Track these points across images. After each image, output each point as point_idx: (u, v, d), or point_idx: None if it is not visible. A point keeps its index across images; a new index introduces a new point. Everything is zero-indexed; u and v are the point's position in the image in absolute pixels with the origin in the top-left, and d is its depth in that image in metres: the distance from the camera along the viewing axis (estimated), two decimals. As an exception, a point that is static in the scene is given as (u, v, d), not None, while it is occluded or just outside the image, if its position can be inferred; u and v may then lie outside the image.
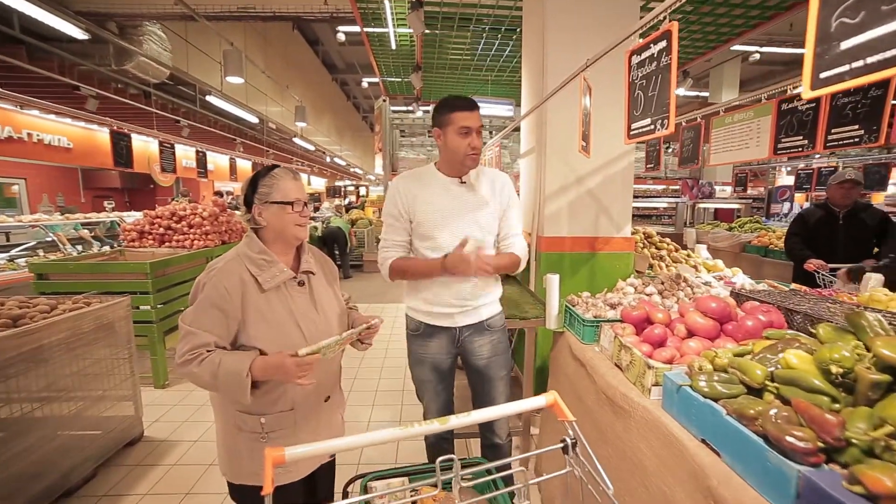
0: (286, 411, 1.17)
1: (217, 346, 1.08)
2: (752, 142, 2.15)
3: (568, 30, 2.45)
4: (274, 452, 0.64)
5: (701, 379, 0.99)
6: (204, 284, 1.09)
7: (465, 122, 1.38)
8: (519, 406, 0.80)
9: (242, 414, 1.14)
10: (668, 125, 1.13)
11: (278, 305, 1.15)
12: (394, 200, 1.49)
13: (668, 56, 1.09)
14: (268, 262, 1.14)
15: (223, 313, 1.08)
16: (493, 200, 1.51)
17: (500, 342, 1.59)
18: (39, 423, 1.85)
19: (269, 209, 1.15)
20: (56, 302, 2.12)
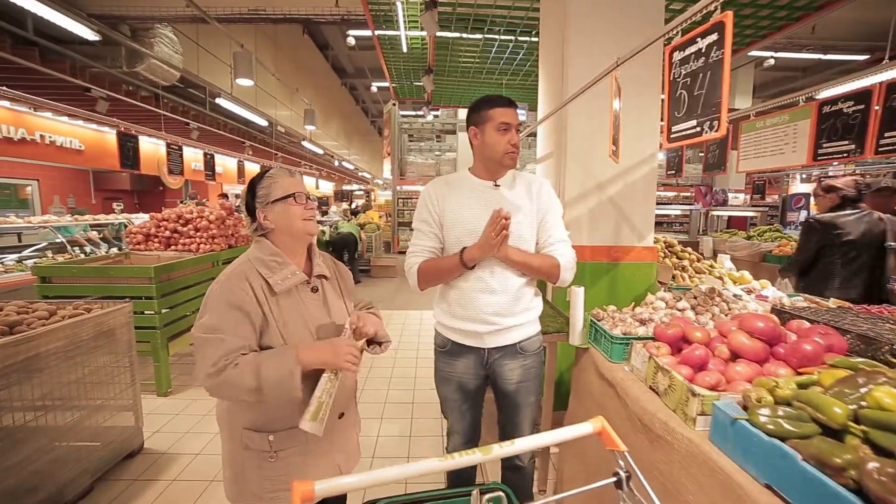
0: (296, 428, 1.07)
1: (249, 349, 1.01)
2: (787, 147, 2.03)
3: (589, 32, 2.36)
4: (302, 486, 0.59)
5: (762, 413, 0.87)
6: (217, 290, 1.04)
7: (505, 117, 1.31)
8: (564, 434, 0.76)
9: (250, 431, 1.07)
10: (720, 127, 1.02)
11: (292, 312, 1.09)
12: (424, 205, 1.42)
13: (721, 50, 0.98)
14: (279, 264, 1.09)
15: (246, 315, 1.01)
16: (530, 205, 1.39)
17: (533, 367, 1.45)
18: (35, 435, 1.76)
19: (273, 209, 1.10)
20: (56, 307, 2.04)
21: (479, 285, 1.34)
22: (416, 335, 4.47)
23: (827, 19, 3.88)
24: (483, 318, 1.35)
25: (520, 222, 1.35)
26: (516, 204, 1.37)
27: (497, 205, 1.36)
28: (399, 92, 7.48)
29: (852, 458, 0.67)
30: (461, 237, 1.35)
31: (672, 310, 1.67)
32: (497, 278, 1.34)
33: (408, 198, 11.48)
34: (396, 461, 2.31)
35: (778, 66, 8.09)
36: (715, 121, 1.03)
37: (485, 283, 1.34)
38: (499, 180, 1.40)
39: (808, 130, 1.84)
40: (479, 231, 1.33)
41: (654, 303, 1.72)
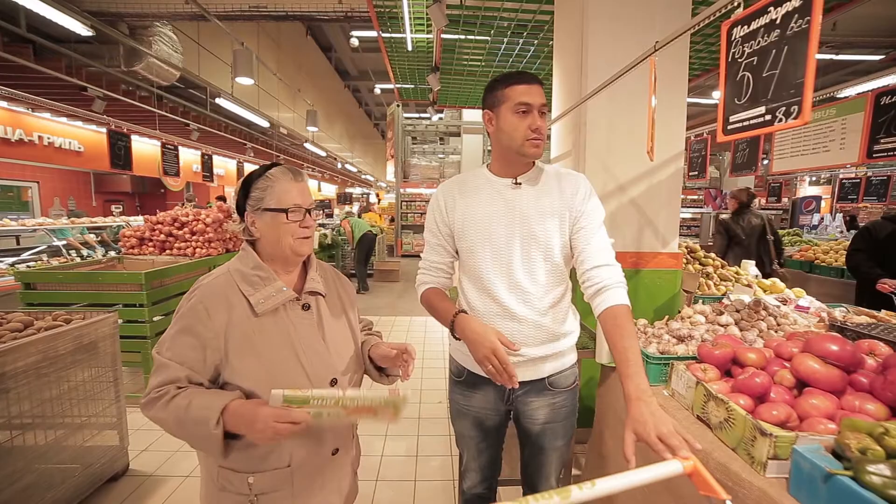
0: (281, 468, 0.93)
1: (191, 381, 0.87)
2: (833, 144, 1.84)
3: (610, 23, 2.20)
4: None
5: (874, 470, 0.68)
6: (185, 309, 0.91)
7: (525, 96, 1.05)
8: (651, 473, 0.69)
9: (226, 470, 0.91)
10: (802, 113, 0.84)
11: (274, 334, 0.93)
12: (432, 212, 1.21)
13: (806, 17, 0.81)
14: (262, 280, 0.94)
15: (198, 341, 0.87)
16: (560, 206, 1.11)
17: (564, 406, 1.21)
18: (6, 459, 1.59)
19: (262, 218, 0.94)
20: (32, 318, 1.88)
21: (496, 309, 1.12)
22: (420, 343, 4.29)
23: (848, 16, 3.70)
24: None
25: (547, 230, 1.10)
26: (547, 205, 1.12)
27: (520, 206, 1.11)
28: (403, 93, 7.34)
29: None
30: (474, 246, 1.13)
31: (713, 325, 1.49)
32: (519, 301, 1.11)
33: (411, 200, 11.34)
34: (402, 484, 2.13)
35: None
36: (794, 105, 0.85)
37: (504, 307, 1.11)
38: (520, 177, 1.14)
39: (860, 125, 1.65)
40: (494, 238, 1.11)
41: (692, 317, 1.54)
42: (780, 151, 2.17)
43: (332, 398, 0.82)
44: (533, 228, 1.11)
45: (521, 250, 1.11)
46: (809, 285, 4.14)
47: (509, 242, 1.11)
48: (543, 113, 1.08)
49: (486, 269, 1.12)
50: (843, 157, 1.80)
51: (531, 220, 1.12)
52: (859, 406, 0.93)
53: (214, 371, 0.89)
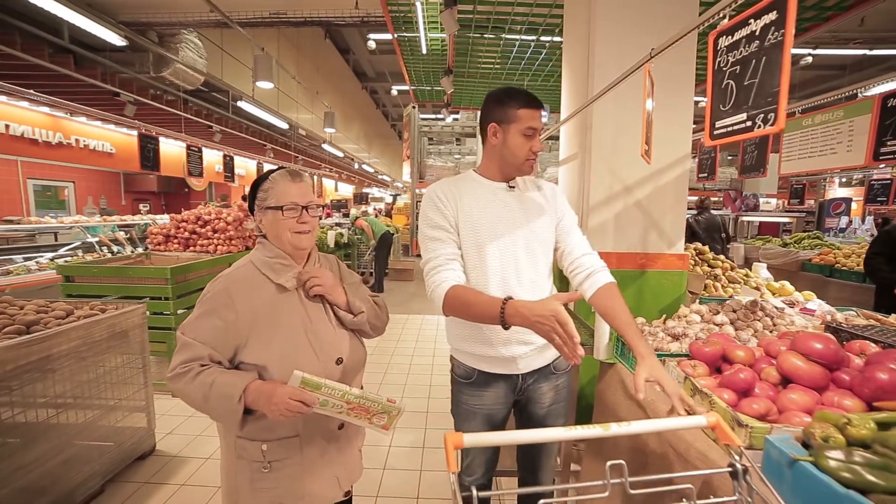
0: (290, 437, 1.03)
1: (212, 359, 0.97)
2: (840, 146, 1.85)
3: (618, 26, 2.23)
4: (454, 437, 0.71)
5: (832, 455, 0.73)
6: (210, 294, 1.01)
7: (533, 122, 1.17)
8: (677, 423, 0.81)
9: (242, 440, 1.02)
10: (777, 120, 0.89)
11: (291, 315, 1.04)
12: (435, 208, 1.21)
13: (781, 30, 0.86)
14: (284, 266, 1.05)
15: (222, 322, 0.97)
16: (547, 207, 1.27)
17: (564, 386, 1.33)
18: (49, 434, 1.75)
19: (266, 216, 1.06)
20: (73, 307, 2.05)
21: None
22: (431, 342, 4.38)
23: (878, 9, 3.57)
24: (520, 338, 1.19)
25: (544, 227, 1.25)
26: (538, 205, 1.26)
27: (518, 207, 1.23)
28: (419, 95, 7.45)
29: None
30: (483, 243, 1.20)
31: (709, 324, 1.52)
32: (525, 290, 1.19)
33: (426, 201, 11.43)
34: (409, 473, 2.22)
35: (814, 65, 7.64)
36: (771, 113, 0.90)
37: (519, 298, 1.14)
38: (511, 182, 1.27)
39: (867, 127, 1.65)
40: (502, 236, 1.20)
41: (688, 316, 1.58)
42: (788, 153, 2.16)
43: (339, 390, 0.93)
44: (533, 226, 1.23)
45: (525, 245, 1.22)
46: (828, 289, 4.04)
47: (514, 239, 1.21)
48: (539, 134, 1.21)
49: (496, 264, 1.20)
50: (850, 160, 1.80)
51: (530, 219, 1.23)
52: (838, 402, 0.96)
53: (233, 352, 0.99)
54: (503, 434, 0.78)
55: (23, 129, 6.48)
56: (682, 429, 0.81)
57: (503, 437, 0.78)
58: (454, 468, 0.67)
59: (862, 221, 8.80)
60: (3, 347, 1.53)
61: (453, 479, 0.66)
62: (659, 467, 1.17)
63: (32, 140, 6.64)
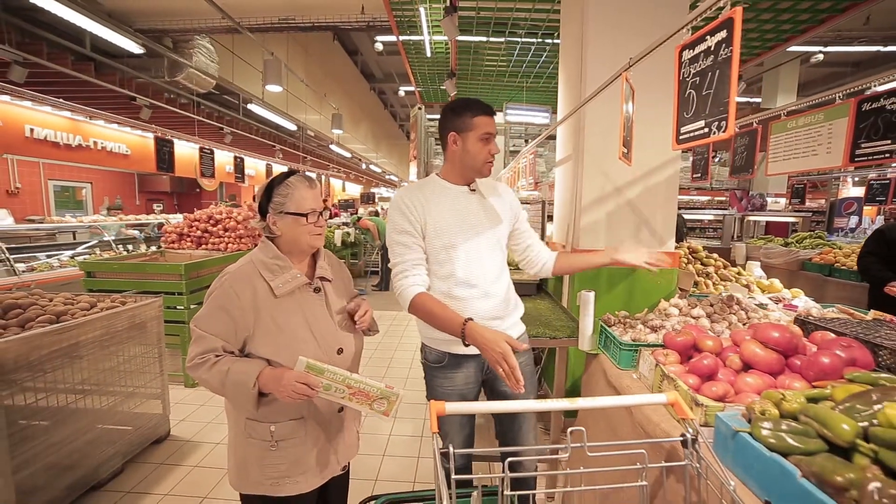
0: (296, 419, 1.14)
1: (225, 350, 1.07)
2: (820, 148, 1.92)
3: (609, 30, 2.31)
4: (437, 405, 0.82)
5: (764, 426, 0.83)
6: (217, 291, 1.09)
7: (489, 128, 1.31)
8: (640, 399, 0.92)
9: (252, 421, 1.12)
10: (727, 127, 0.98)
11: (293, 312, 1.13)
12: (402, 214, 1.30)
13: (730, 48, 0.96)
14: (281, 268, 1.13)
15: (231, 318, 1.06)
16: (504, 207, 1.44)
17: (528, 364, 1.46)
18: (75, 416, 1.91)
19: (284, 220, 1.12)
20: (96, 300, 2.21)
21: (474, 291, 1.34)
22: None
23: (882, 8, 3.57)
24: (482, 322, 1.32)
25: (502, 225, 1.42)
26: (497, 207, 1.42)
27: (480, 209, 1.37)
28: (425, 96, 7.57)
29: (855, 478, 0.63)
30: (448, 245, 1.31)
31: (686, 317, 1.61)
32: (490, 281, 1.36)
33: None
34: (407, 460, 2.33)
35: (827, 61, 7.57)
36: (723, 121, 1.00)
37: (479, 289, 1.34)
38: (472, 185, 1.41)
39: (844, 130, 1.73)
40: (464, 237, 1.32)
41: (667, 309, 1.67)
42: (774, 154, 2.23)
43: (341, 375, 1.03)
44: (493, 226, 1.39)
45: (487, 242, 1.37)
46: (828, 289, 4.06)
47: (478, 237, 1.36)
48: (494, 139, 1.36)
49: (463, 260, 1.33)
50: (829, 161, 1.86)
51: (492, 220, 1.40)
52: (789, 384, 1.05)
53: (242, 343, 1.09)
54: (481, 404, 0.89)
55: (45, 133, 6.75)
56: (645, 404, 0.91)
57: (480, 407, 0.89)
58: (435, 429, 0.79)
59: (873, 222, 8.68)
60: (38, 334, 1.68)
61: (435, 437, 0.77)
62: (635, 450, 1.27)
63: (54, 143, 6.92)
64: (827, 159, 1.89)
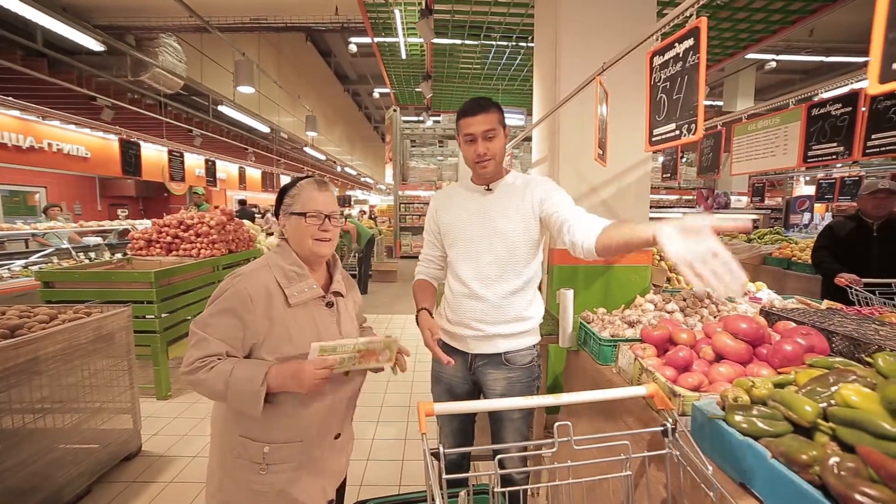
0: (294, 442, 1.06)
1: (228, 356, 1.01)
2: (778, 150, 2.04)
3: (581, 34, 2.39)
4: (425, 405, 0.84)
5: (737, 413, 0.87)
6: (227, 289, 1.02)
7: (468, 128, 1.28)
8: (621, 392, 0.94)
9: (245, 439, 1.04)
10: (696, 130, 1.04)
11: (305, 323, 1.07)
12: (429, 215, 1.49)
13: (696, 55, 1.01)
14: (299, 275, 1.08)
15: (241, 322, 1.00)
16: (520, 200, 1.32)
17: (519, 381, 1.39)
18: (34, 437, 1.79)
19: (290, 221, 1.09)
20: (56, 311, 2.08)
21: (465, 290, 1.35)
22: (415, 339, 4.47)
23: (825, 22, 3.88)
24: (467, 322, 1.35)
25: (512, 228, 1.31)
26: (507, 210, 1.33)
27: (486, 209, 1.35)
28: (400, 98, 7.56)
29: (817, 455, 0.68)
30: (454, 241, 1.39)
31: (661, 312, 1.67)
32: (482, 285, 1.33)
33: (410, 203, 11.53)
34: (392, 463, 2.32)
35: (780, 69, 8.08)
36: (692, 124, 1.05)
37: (470, 288, 1.34)
38: (492, 184, 1.37)
39: (798, 133, 1.84)
40: (467, 237, 1.36)
41: (643, 305, 1.73)
42: (737, 155, 2.35)
43: (350, 345, 1.02)
44: (497, 225, 1.34)
45: (488, 243, 1.34)
46: (787, 281, 4.31)
47: (479, 238, 1.35)
48: (491, 137, 1.28)
49: (460, 259, 1.36)
50: (785, 161, 1.99)
51: (497, 219, 1.35)
52: (756, 371, 1.12)
53: (248, 350, 1.03)
54: (466, 403, 0.90)
55: (-9, 134, 6.30)
56: (625, 397, 0.93)
57: (466, 406, 0.90)
58: (424, 429, 0.79)
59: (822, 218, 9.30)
60: (-9, 350, 1.57)
61: (424, 439, 0.77)
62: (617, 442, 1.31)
63: (1, 144, 6.47)
64: (784, 160, 2.01)
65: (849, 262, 2.76)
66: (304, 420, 1.06)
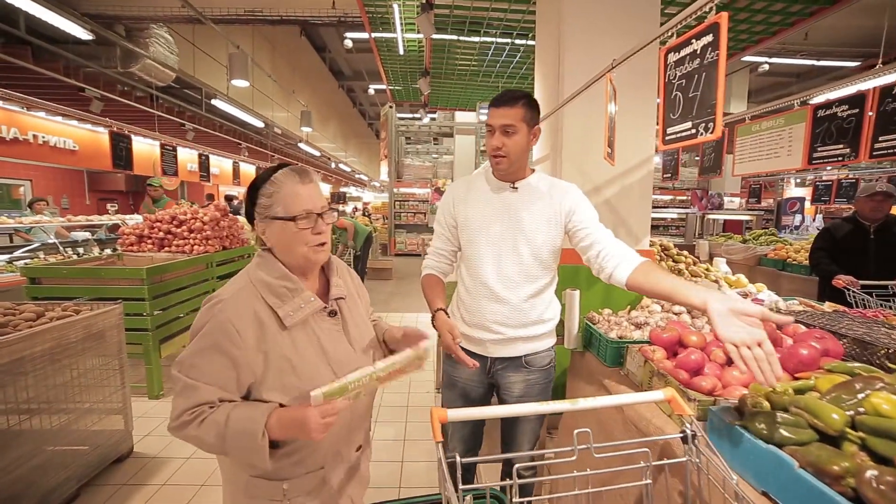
0: (315, 471, 0.93)
1: (222, 401, 0.84)
2: (782, 151, 2.03)
3: (586, 31, 2.36)
4: (439, 412, 0.77)
5: (758, 419, 0.85)
6: (206, 321, 0.84)
7: (490, 119, 1.26)
8: (638, 397, 0.88)
9: (258, 480, 0.89)
10: (715, 129, 1.01)
11: (306, 346, 0.90)
12: (442, 206, 1.41)
13: (716, 51, 0.98)
14: (291, 290, 0.89)
15: (231, 361, 0.83)
16: (547, 205, 1.28)
17: (537, 383, 1.38)
18: (20, 439, 1.72)
19: (271, 226, 0.89)
20: (44, 309, 2.01)
21: (485, 292, 1.31)
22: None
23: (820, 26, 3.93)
24: (486, 325, 1.31)
25: (537, 229, 1.28)
26: (533, 211, 1.29)
27: (510, 207, 1.30)
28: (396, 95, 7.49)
29: (850, 466, 0.66)
30: (473, 238, 1.32)
31: (668, 313, 1.66)
32: (504, 286, 1.29)
33: (405, 200, 11.47)
34: (391, 464, 2.28)
35: (772, 71, 8.16)
36: (710, 122, 1.02)
37: (490, 290, 1.30)
38: (518, 182, 1.32)
39: (803, 134, 1.83)
40: (490, 236, 1.30)
41: (649, 306, 1.71)
42: (740, 156, 2.35)
43: (364, 376, 0.83)
44: (523, 226, 1.30)
45: (511, 244, 1.30)
46: (781, 282, 4.35)
47: (502, 237, 1.31)
48: (509, 132, 1.23)
49: (480, 257, 1.31)
50: (789, 163, 1.98)
51: (523, 220, 1.30)
52: (771, 376, 1.10)
53: (245, 391, 0.87)
54: (481, 409, 0.86)
55: (-28, 125, 6.11)
56: (642, 402, 0.91)
57: (481, 412, 0.87)
58: (438, 438, 0.74)
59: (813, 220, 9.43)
60: (-25, 350, 1.50)
61: (439, 447, 0.73)
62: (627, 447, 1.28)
63: (-19, 135, 6.27)
64: (788, 161, 2.00)
65: (846, 264, 2.78)
66: (323, 447, 0.93)
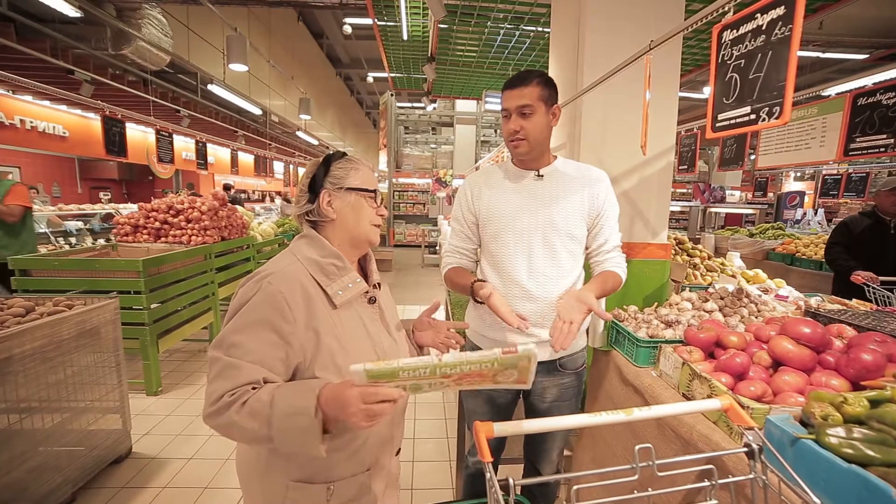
0: (361, 473, 0.88)
1: (266, 382, 0.77)
2: (814, 142, 1.94)
3: (609, 19, 2.25)
4: (485, 426, 0.69)
5: (832, 433, 0.77)
6: (253, 292, 0.77)
7: (504, 102, 1.18)
8: (694, 406, 0.82)
9: (301, 485, 0.82)
10: (783, 113, 0.91)
11: (355, 328, 0.88)
12: (460, 201, 1.32)
13: (789, 26, 0.88)
14: (339, 269, 0.87)
15: (280, 338, 0.76)
16: (578, 196, 1.22)
17: (571, 386, 1.32)
18: (11, 441, 1.62)
19: (345, 198, 0.88)
20: (34, 304, 1.90)
21: (515, 290, 1.21)
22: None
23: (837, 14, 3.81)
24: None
25: (568, 219, 1.21)
26: (563, 200, 1.21)
27: (537, 197, 1.21)
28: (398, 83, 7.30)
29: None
30: (499, 233, 1.23)
31: (699, 311, 1.58)
32: (537, 283, 1.20)
33: (404, 190, 11.33)
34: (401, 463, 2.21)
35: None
36: (777, 106, 0.93)
37: (522, 287, 1.20)
38: (542, 169, 1.23)
39: (839, 124, 1.74)
40: (517, 230, 1.20)
41: (679, 303, 1.63)
42: (765, 148, 2.26)
43: (425, 367, 0.66)
44: (554, 217, 1.20)
45: (542, 237, 1.21)
46: (790, 277, 4.30)
47: (531, 229, 1.20)
48: (526, 114, 1.15)
49: (508, 253, 1.21)
50: (822, 155, 1.89)
51: (553, 210, 1.21)
52: (826, 382, 1.02)
53: (291, 374, 0.80)
54: (530, 422, 0.77)
55: (-44, 109, 5.88)
56: (699, 412, 0.83)
57: (530, 426, 0.78)
58: (488, 458, 0.65)
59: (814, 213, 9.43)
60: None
61: (488, 468, 0.65)
62: (664, 452, 1.21)
63: (-34, 120, 6.05)
64: (820, 153, 1.91)
65: (864, 260, 2.72)
66: (370, 443, 0.88)
